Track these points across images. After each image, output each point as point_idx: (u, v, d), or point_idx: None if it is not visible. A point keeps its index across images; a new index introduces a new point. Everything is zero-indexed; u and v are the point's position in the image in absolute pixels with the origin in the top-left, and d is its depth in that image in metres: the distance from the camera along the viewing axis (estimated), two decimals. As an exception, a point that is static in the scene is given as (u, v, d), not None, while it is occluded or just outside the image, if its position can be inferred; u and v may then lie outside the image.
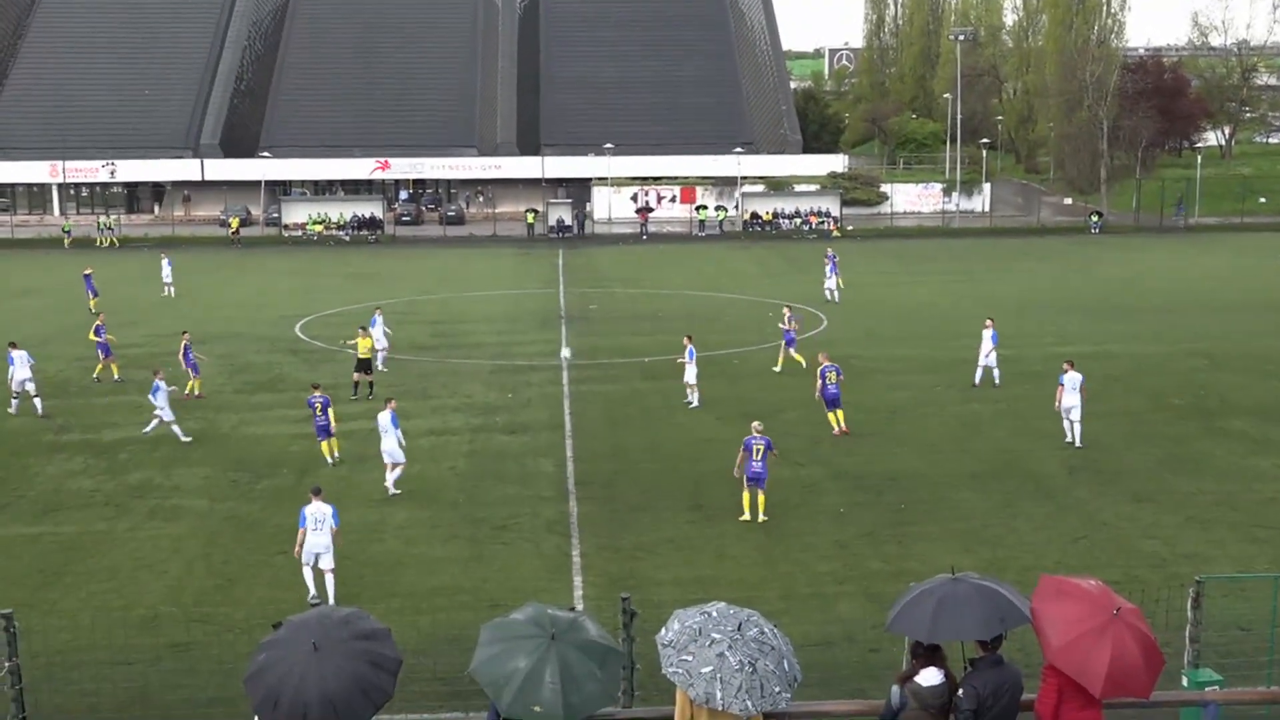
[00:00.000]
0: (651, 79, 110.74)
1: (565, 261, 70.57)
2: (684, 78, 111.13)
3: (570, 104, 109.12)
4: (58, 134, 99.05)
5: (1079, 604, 9.24)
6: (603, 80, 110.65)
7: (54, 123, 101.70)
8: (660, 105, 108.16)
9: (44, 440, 28.73)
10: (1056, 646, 8.96)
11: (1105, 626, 8.97)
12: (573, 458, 26.82)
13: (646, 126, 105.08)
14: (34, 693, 10.42)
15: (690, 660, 8.55)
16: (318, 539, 18.75)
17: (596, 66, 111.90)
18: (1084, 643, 8.90)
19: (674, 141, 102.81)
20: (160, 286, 56.23)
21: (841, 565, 19.93)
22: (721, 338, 42.35)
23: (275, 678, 8.28)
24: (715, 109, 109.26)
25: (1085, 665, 8.87)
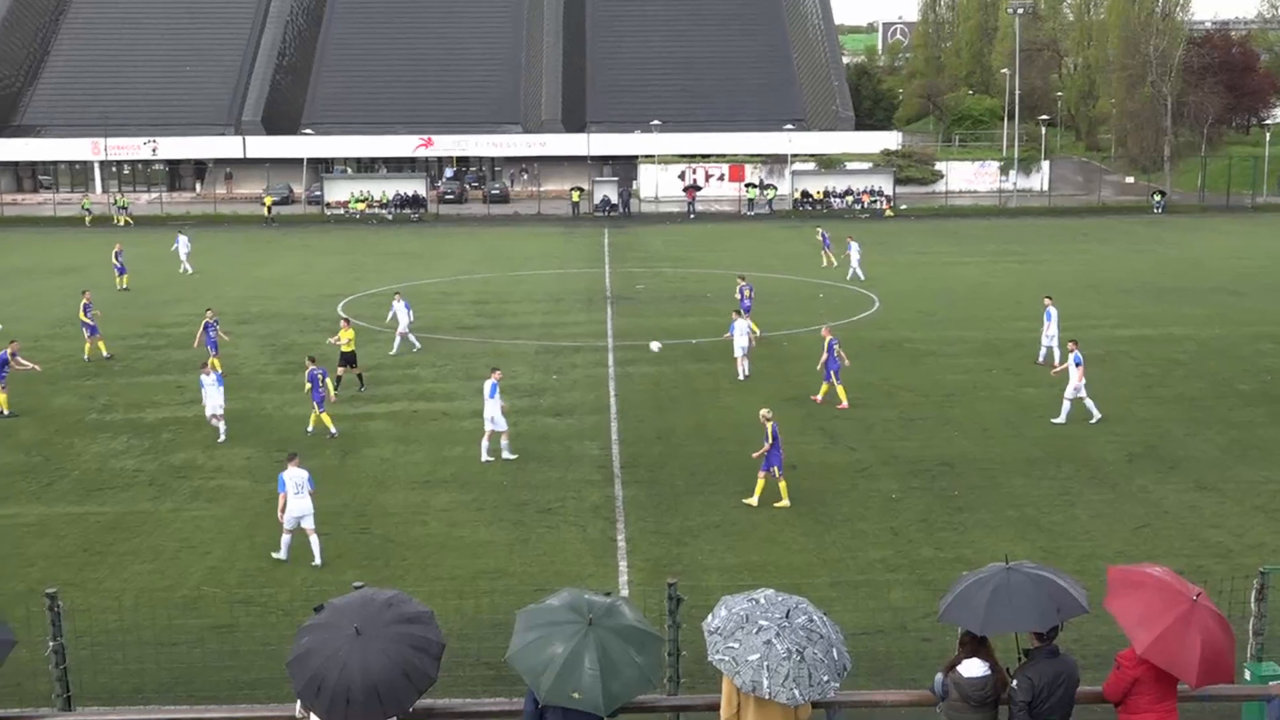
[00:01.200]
0: (700, 55, 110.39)
1: (611, 241, 70.57)
2: (733, 53, 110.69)
3: (617, 80, 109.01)
4: (99, 111, 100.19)
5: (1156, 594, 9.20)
6: (650, 56, 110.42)
7: (96, 100, 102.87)
8: (709, 81, 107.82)
9: (88, 419, 29.12)
10: (1147, 641, 8.91)
11: (1189, 614, 8.95)
12: (618, 440, 26.85)
13: (695, 103, 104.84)
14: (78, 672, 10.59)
15: (737, 647, 8.56)
16: (300, 503, 19.50)
17: (644, 42, 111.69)
18: (1173, 634, 8.88)
19: (723, 118, 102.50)
20: (177, 264, 56.81)
21: (893, 552, 19.86)
22: (771, 319, 42.20)
23: (318, 662, 8.37)
24: (765, 85, 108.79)
25: (1178, 657, 8.85)
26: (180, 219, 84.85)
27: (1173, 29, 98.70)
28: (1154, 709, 9.24)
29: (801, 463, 24.98)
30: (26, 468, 25.33)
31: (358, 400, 30.95)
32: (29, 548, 20.54)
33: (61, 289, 51.50)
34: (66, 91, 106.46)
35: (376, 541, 20.72)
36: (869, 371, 33.61)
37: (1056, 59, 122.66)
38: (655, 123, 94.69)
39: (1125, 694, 9.23)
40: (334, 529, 21.32)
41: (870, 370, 33.78)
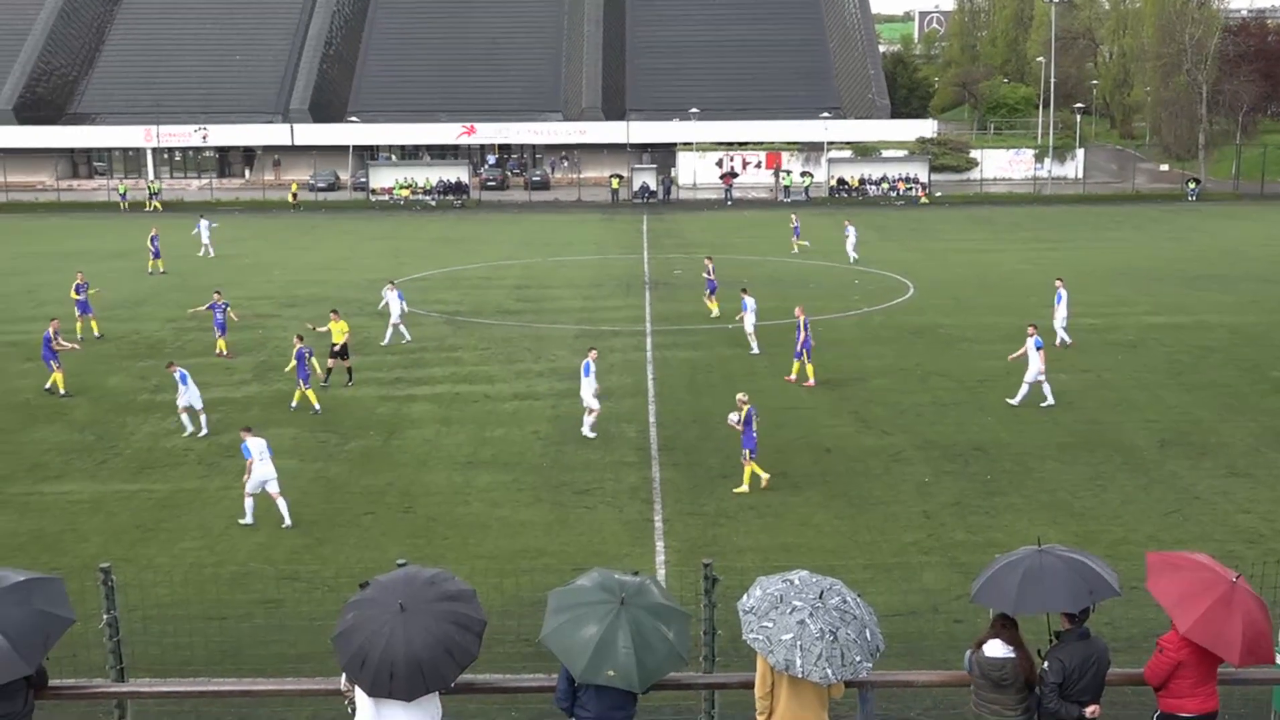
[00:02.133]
0: (738, 43, 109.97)
1: (649, 227, 70.51)
2: (771, 42, 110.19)
3: (656, 68, 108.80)
4: (152, 99, 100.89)
5: (1196, 575, 9.17)
6: (688, 44, 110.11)
7: (148, 88, 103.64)
8: (746, 70, 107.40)
9: (140, 400, 29.40)
10: (1189, 621, 8.87)
11: (1229, 595, 8.92)
12: (656, 423, 26.88)
13: (732, 91, 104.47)
14: (130, 644, 10.70)
15: (771, 627, 8.56)
16: (264, 468, 20.50)
17: (682, 30, 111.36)
18: (1214, 614, 8.85)
19: (760, 106, 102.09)
20: (198, 246, 57.31)
21: (926, 535, 19.79)
22: (808, 304, 41.94)
23: (362, 637, 8.43)
24: (802, 73, 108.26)
25: (1220, 636, 8.81)
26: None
27: (1209, 17, 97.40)
28: (1196, 693, 9.19)
29: (835, 446, 24.94)
30: (81, 446, 25.63)
31: (401, 383, 31.11)
32: (84, 524, 20.80)
33: (116, 272, 51.99)
34: (120, 80, 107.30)
35: (419, 520, 20.84)
36: (903, 357, 33.47)
37: (1092, 47, 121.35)
38: (693, 111, 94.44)
39: (1168, 678, 9.17)
40: (378, 508, 21.47)
41: (904, 355, 33.63)
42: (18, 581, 8.76)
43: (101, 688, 10.24)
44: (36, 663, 8.54)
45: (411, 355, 34.51)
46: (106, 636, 10.32)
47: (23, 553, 19.05)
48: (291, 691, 11.65)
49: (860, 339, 36.18)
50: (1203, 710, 9.25)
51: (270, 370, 32.77)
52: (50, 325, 30.46)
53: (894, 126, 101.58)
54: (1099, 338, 35.72)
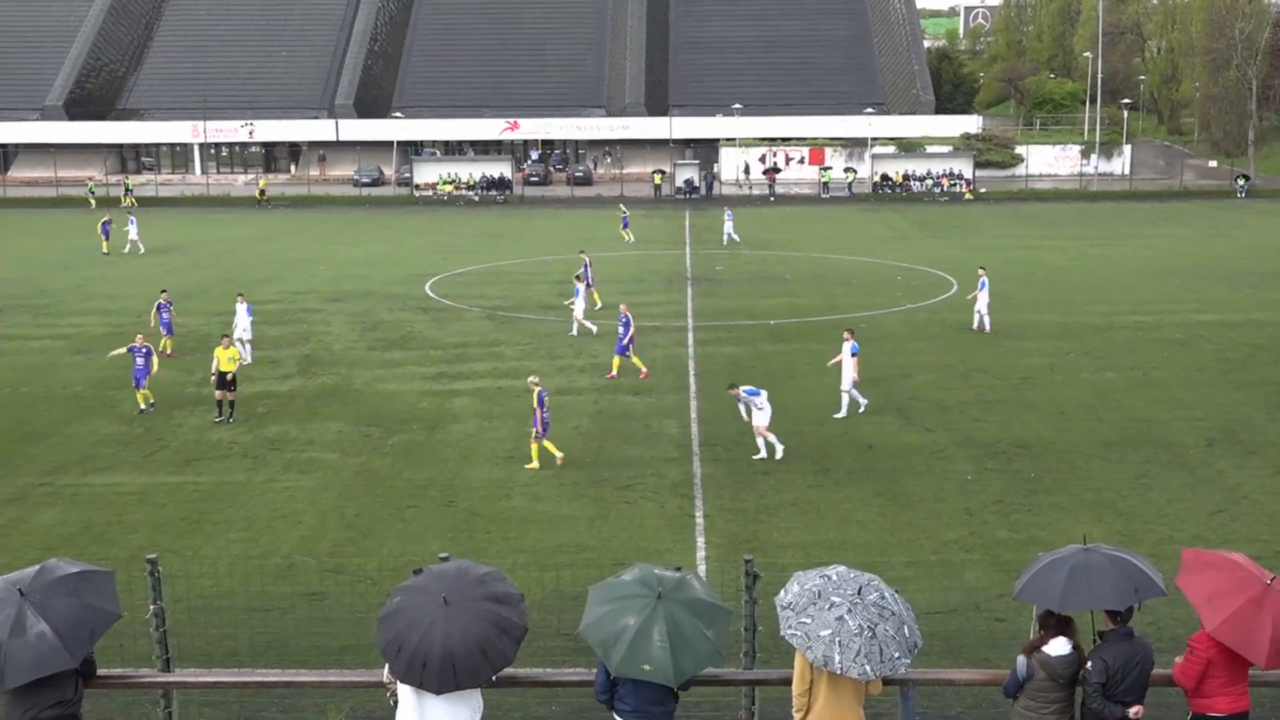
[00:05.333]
0: (781, 38, 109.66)
1: (692, 223, 70.44)
2: (814, 37, 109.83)
3: (699, 64, 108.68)
4: (199, 95, 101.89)
5: (1229, 575, 9.06)
6: (732, 39, 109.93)
7: (195, 84, 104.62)
8: (790, 65, 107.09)
9: (186, 393, 29.70)
10: (1217, 620, 8.78)
11: (1261, 597, 8.81)
12: (697, 419, 26.86)
13: (775, 87, 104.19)
14: (176, 635, 10.82)
15: (809, 623, 8.55)
16: None
17: (726, 25, 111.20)
18: (1244, 614, 8.74)
19: (803, 102, 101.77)
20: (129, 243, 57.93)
21: (968, 533, 19.67)
22: (849, 300, 41.96)
23: (404, 623, 8.49)
24: (846, 69, 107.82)
25: (1249, 638, 8.71)
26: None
27: (1259, 11, 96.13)
28: (1226, 692, 9.09)
29: (877, 443, 24.83)
30: (128, 438, 25.92)
31: (444, 377, 31.24)
32: (131, 515, 21.03)
33: (161, 266, 52.54)
34: (168, 76, 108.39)
35: (461, 514, 20.93)
36: (946, 353, 33.28)
37: (1140, 42, 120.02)
38: (736, 106, 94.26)
39: (1199, 679, 9.07)
40: (420, 501, 21.58)
41: (947, 352, 33.44)
42: (70, 573, 8.88)
43: (148, 677, 10.36)
44: (81, 656, 8.65)
45: (454, 350, 34.66)
46: (153, 627, 10.44)
47: (71, 543, 19.30)
48: (334, 683, 11.74)
49: (903, 335, 36.00)
50: (1234, 710, 9.16)
51: (315, 364, 33.02)
52: (137, 338, 28.78)
53: (938, 122, 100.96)
54: (1145, 335, 35.38)
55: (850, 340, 26.79)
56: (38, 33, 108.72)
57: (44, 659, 8.45)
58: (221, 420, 26.91)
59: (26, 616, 8.53)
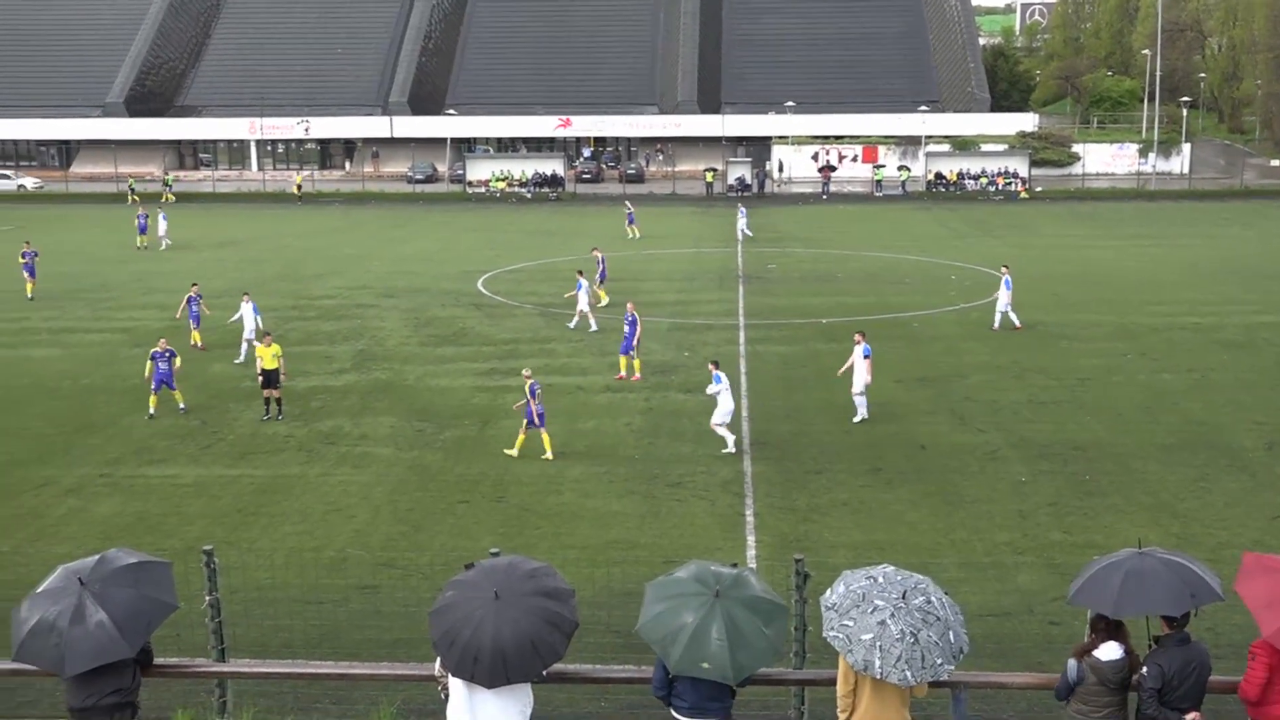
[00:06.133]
0: (835, 35, 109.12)
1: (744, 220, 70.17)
2: (869, 33, 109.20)
3: (752, 60, 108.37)
4: (256, 92, 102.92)
5: None
6: (785, 37, 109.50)
7: (252, 81, 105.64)
8: (843, 62, 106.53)
9: (243, 387, 30.02)
10: (1276, 625, 8.62)
11: None
12: (748, 417, 26.81)
13: (829, 84, 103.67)
14: (231, 625, 10.97)
15: (851, 625, 8.50)
16: None
17: (779, 22, 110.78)
18: None
19: (857, 99, 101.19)
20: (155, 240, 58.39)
21: (1021, 535, 19.51)
22: (902, 299, 41.73)
23: (456, 618, 8.53)
24: (900, 66, 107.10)
25: None
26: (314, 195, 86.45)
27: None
28: (1287, 699, 8.92)
29: (930, 443, 24.68)
30: (185, 431, 26.25)
31: (495, 373, 31.38)
32: (187, 507, 21.31)
33: (221, 261, 53.16)
34: (226, 73, 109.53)
35: (512, 510, 21.03)
36: (1000, 354, 33.01)
37: (1200, 40, 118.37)
38: (789, 104, 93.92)
39: (1265, 686, 8.88)
40: (472, 497, 21.70)
41: (1001, 352, 33.17)
42: (129, 564, 9.01)
43: (204, 667, 10.49)
44: (138, 645, 8.77)
45: (506, 346, 34.81)
46: (209, 617, 10.58)
47: (129, 533, 19.58)
48: (386, 676, 11.83)
49: (957, 335, 35.75)
50: None
51: (368, 359, 33.28)
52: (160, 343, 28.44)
53: (994, 120, 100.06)
54: (1205, 336, 34.91)
55: (862, 342, 26.45)
56: (99, 31, 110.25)
57: (102, 648, 8.58)
58: (269, 418, 27.12)
59: (86, 606, 8.66)
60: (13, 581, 15.28)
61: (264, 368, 27.12)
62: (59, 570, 9.00)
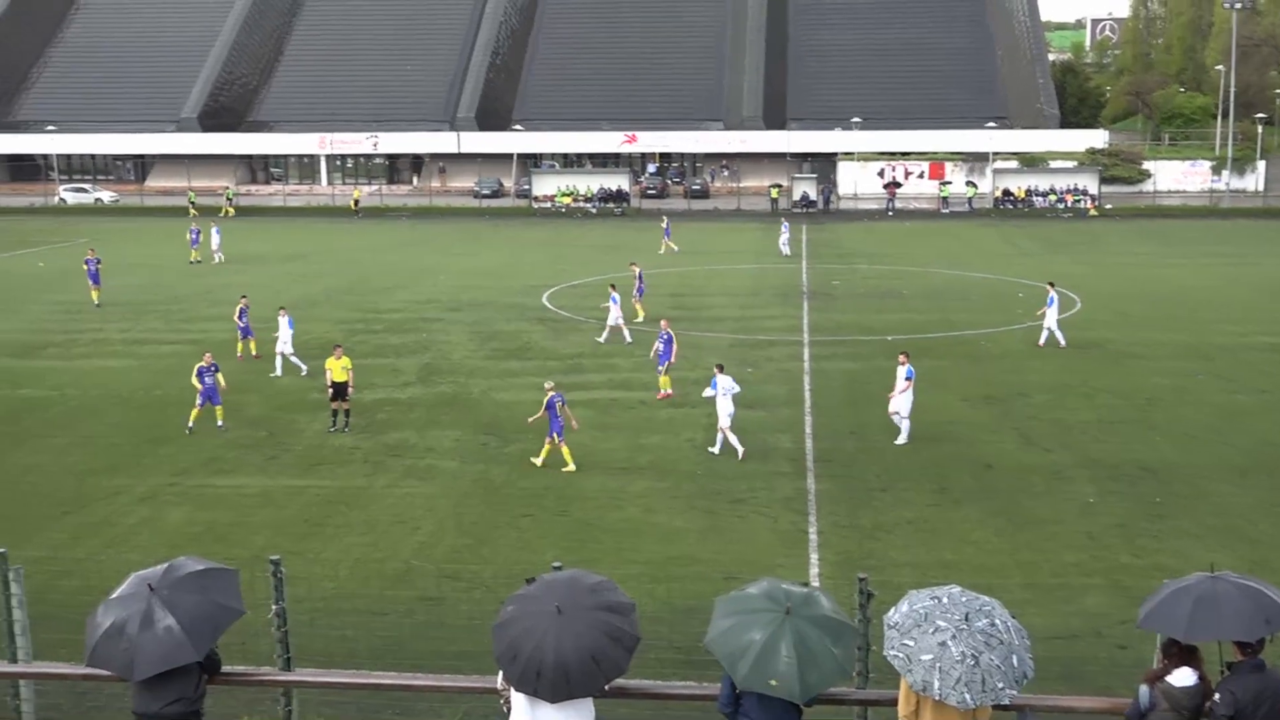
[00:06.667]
0: (902, 51, 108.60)
1: (809, 236, 70.05)
2: (936, 49, 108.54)
3: (818, 76, 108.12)
4: (326, 107, 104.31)
5: None
6: (852, 52, 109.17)
7: (323, 97, 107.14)
8: (910, 78, 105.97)
9: (310, 399, 30.35)
10: None
11: None
12: (812, 434, 26.68)
13: (895, 100, 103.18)
14: (297, 635, 11.04)
15: (912, 645, 8.41)
16: None
17: (846, 38, 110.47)
18: None
19: (924, 115, 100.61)
20: (209, 253, 59.00)
21: (1089, 557, 19.22)
22: (969, 317, 41.34)
23: (518, 632, 8.55)
24: (968, 82, 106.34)
25: None
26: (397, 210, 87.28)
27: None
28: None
29: (996, 463, 24.41)
30: (253, 442, 26.58)
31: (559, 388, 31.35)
32: (254, 517, 21.56)
33: (289, 274, 53.84)
34: (297, 89, 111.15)
35: (575, 524, 21.07)
36: (1068, 373, 32.59)
37: (1275, 54, 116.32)
38: (855, 120, 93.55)
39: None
40: (535, 510, 21.76)
41: (1070, 371, 32.75)
42: (197, 570, 9.13)
43: (269, 675, 10.58)
44: (205, 651, 8.87)
45: (569, 361, 34.92)
46: (275, 627, 10.68)
47: (197, 542, 19.83)
48: (449, 688, 11.86)
49: (1023, 353, 35.35)
50: None
51: (434, 373, 33.52)
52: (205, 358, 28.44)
53: (1063, 137, 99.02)
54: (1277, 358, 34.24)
55: (906, 363, 26.04)
56: (175, 48, 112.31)
57: (170, 652, 8.69)
58: (335, 430, 27.35)
59: (155, 611, 8.78)
60: (86, 588, 15.52)
61: (334, 380, 27.37)
62: (131, 577, 9.14)
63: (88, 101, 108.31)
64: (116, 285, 48.73)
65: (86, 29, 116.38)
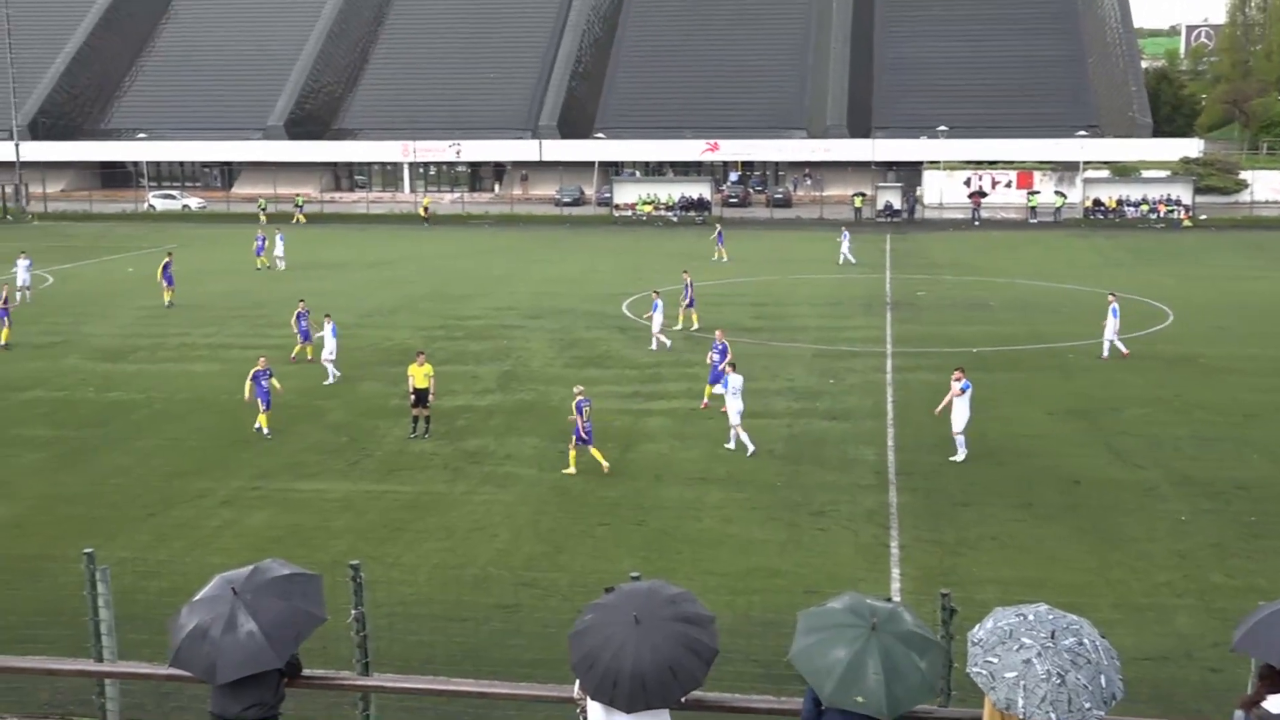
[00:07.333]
0: (990, 58, 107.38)
1: (892, 246, 69.50)
2: (1025, 57, 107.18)
3: (903, 84, 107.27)
4: (409, 115, 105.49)
5: None
6: (938, 59, 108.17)
7: (406, 105, 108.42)
8: (998, 85, 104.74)
9: (391, 405, 30.68)
10: None
11: None
12: (894, 447, 26.44)
13: (982, 108, 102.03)
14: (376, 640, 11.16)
15: (996, 662, 8.29)
16: None
17: (932, 45, 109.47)
18: None
19: (1011, 124, 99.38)
20: (271, 260, 59.56)
21: (1181, 576, 18.82)
22: (1057, 329, 40.74)
23: (596, 641, 8.56)
24: (1058, 90, 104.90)
25: None
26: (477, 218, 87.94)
27: None
28: None
29: (1086, 479, 24.00)
30: (335, 447, 26.93)
31: (638, 397, 31.51)
32: (335, 521, 21.84)
33: (372, 282, 54.51)
34: (381, 97, 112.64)
35: (652, 533, 21.06)
36: (1160, 387, 31.97)
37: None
38: (941, 128, 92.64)
39: None
40: (613, 519, 21.79)
41: (1162, 386, 32.12)
42: (281, 575, 9.25)
43: (348, 680, 10.70)
44: (286, 657, 8.98)
45: (648, 370, 34.95)
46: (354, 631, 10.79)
47: (279, 545, 20.12)
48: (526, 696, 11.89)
49: (1114, 367, 34.74)
50: None
51: (514, 380, 33.74)
52: (260, 361, 29.14)
53: (1156, 146, 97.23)
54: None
55: (962, 379, 25.49)
56: (262, 56, 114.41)
57: (251, 657, 8.80)
58: (415, 436, 27.59)
59: (238, 615, 8.91)
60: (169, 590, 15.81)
61: (415, 386, 27.61)
62: (215, 579, 9.28)
63: (177, 109, 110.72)
64: (201, 291, 49.73)
65: (177, 38, 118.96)
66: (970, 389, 25.43)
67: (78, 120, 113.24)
